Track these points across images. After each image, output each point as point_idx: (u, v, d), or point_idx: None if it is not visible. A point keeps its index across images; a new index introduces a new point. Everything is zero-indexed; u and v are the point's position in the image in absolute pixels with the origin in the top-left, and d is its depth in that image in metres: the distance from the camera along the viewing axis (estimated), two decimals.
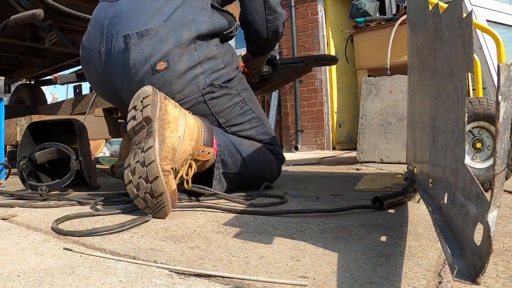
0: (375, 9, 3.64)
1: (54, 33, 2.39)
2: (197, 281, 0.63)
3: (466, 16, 0.59)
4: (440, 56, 0.82)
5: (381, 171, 2.40)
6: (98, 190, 1.74)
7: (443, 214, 0.72)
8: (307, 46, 5.27)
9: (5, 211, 1.26)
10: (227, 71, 1.52)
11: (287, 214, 1.11)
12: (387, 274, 0.63)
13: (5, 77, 3.96)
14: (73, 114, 2.77)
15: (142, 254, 0.77)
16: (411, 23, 1.47)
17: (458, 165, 0.62)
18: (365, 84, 3.21)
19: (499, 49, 1.78)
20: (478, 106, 1.40)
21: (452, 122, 0.68)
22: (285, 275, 0.64)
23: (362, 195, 1.46)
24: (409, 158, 1.69)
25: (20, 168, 1.68)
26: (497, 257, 0.71)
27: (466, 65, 0.59)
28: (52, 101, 5.98)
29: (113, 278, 0.64)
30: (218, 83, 1.48)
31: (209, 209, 1.23)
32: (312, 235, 0.89)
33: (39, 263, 0.72)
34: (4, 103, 2.16)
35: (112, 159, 3.60)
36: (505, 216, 1.04)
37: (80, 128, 1.76)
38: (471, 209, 0.52)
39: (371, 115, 3.09)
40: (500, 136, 0.43)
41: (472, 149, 1.43)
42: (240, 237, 0.89)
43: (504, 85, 0.42)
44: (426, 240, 0.84)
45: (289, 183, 1.90)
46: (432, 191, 0.94)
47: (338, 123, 5.36)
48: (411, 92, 1.60)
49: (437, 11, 0.86)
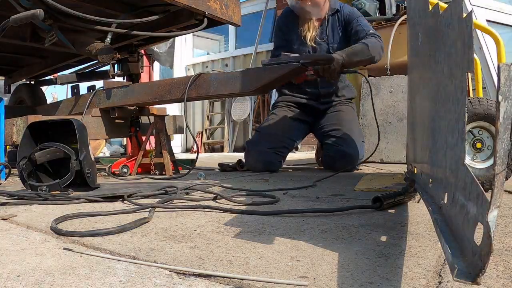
0: (375, 9, 3.63)
1: (54, 33, 2.39)
2: (197, 281, 0.63)
3: (466, 16, 0.59)
4: (440, 56, 0.82)
5: (381, 171, 2.40)
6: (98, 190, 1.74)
7: (443, 214, 0.72)
8: None
9: (5, 211, 1.26)
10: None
11: (287, 214, 1.11)
12: (387, 274, 0.63)
13: (5, 77, 3.96)
14: (71, 114, 2.77)
15: (142, 254, 0.77)
16: (411, 23, 1.47)
17: (458, 165, 0.62)
18: (365, 84, 3.21)
19: (499, 49, 1.78)
20: (478, 106, 1.40)
21: (452, 122, 0.68)
22: (285, 275, 0.64)
23: (362, 195, 1.46)
24: (409, 158, 1.69)
25: (20, 168, 1.68)
26: (497, 257, 0.71)
27: (466, 65, 0.59)
28: (52, 101, 5.99)
29: (113, 278, 0.64)
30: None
31: (209, 209, 1.23)
32: (312, 235, 0.89)
33: (39, 263, 0.72)
34: (4, 103, 2.16)
35: (112, 159, 3.60)
36: (505, 216, 1.04)
37: (80, 127, 1.76)
38: (471, 209, 0.52)
39: (371, 115, 3.09)
40: (500, 136, 0.43)
41: (472, 149, 1.43)
42: (240, 237, 0.89)
43: (504, 85, 0.42)
44: (426, 240, 0.84)
45: (289, 183, 1.90)
46: (432, 191, 0.94)
47: None
48: (411, 92, 1.60)
49: (437, 11, 0.86)
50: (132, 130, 2.73)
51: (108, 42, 2.44)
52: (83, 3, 2.40)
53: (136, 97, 2.47)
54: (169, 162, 2.49)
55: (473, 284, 0.44)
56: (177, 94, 2.32)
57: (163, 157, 2.51)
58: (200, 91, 2.27)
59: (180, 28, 2.75)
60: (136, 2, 2.54)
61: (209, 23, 2.59)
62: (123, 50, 2.83)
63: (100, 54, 2.41)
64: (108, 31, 2.42)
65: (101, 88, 2.68)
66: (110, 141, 6.51)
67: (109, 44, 2.44)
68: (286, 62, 2.07)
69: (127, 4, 2.56)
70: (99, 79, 3.23)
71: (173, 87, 2.34)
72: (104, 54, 2.41)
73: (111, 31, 2.43)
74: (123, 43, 2.86)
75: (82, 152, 1.71)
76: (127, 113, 2.67)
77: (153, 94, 2.41)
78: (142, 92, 2.47)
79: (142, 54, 2.95)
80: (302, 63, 2.03)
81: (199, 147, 6.93)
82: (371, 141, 3.06)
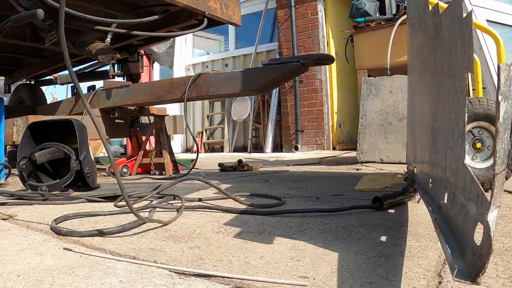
0: (375, 9, 3.63)
1: (54, 33, 2.39)
2: (197, 281, 0.63)
3: (466, 16, 0.59)
4: (440, 56, 0.82)
5: (381, 171, 2.40)
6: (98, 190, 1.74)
7: (443, 214, 0.72)
8: (307, 46, 5.27)
9: (5, 211, 1.25)
10: None
11: (287, 214, 1.11)
12: (387, 274, 0.63)
13: (5, 77, 3.96)
14: (71, 114, 2.77)
15: (142, 254, 0.77)
16: (411, 23, 1.47)
17: (458, 165, 0.62)
18: (365, 84, 3.21)
19: (499, 49, 1.78)
20: (478, 106, 1.39)
21: (452, 122, 0.68)
22: (285, 275, 0.64)
23: (362, 195, 1.46)
24: (409, 158, 1.69)
25: (20, 168, 1.68)
26: (497, 257, 0.71)
27: (466, 65, 0.59)
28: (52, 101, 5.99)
29: (113, 278, 0.64)
30: None
31: (209, 209, 1.23)
32: (312, 235, 0.89)
33: (39, 263, 0.72)
34: (4, 103, 2.16)
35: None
36: (505, 216, 1.04)
37: (80, 127, 1.76)
38: (471, 209, 0.52)
39: (371, 115, 3.09)
40: (500, 136, 0.43)
41: (472, 149, 1.43)
42: (240, 237, 0.89)
43: (504, 85, 0.42)
44: (426, 240, 0.84)
45: (289, 183, 1.90)
46: (432, 191, 0.94)
47: (338, 123, 5.36)
48: (411, 92, 1.60)
49: (437, 11, 0.86)
50: (132, 130, 2.73)
51: (108, 42, 2.44)
52: (83, 3, 2.40)
53: (136, 97, 2.48)
54: (169, 162, 2.50)
55: (473, 284, 0.44)
56: (177, 94, 2.32)
57: (163, 157, 2.51)
58: (200, 91, 2.27)
59: (180, 28, 2.75)
60: (136, 2, 2.54)
61: (209, 23, 2.59)
62: (123, 50, 2.83)
63: (100, 54, 2.41)
64: (108, 31, 2.42)
65: (101, 88, 2.68)
66: (110, 141, 6.51)
67: (109, 44, 2.44)
68: (286, 62, 2.07)
69: (127, 4, 2.56)
70: (99, 79, 3.23)
71: (173, 87, 2.34)
72: (104, 54, 2.41)
73: (111, 31, 2.43)
74: (123, 43, 2.86)
75: (82, 152, 1.71)
76: (127, 113, 2.67)
77: (153, 94, 2.41)
78: (142, 92, 2.47)
79: (142, 54, 2.95)
80: (302, 63, 2.03)
81: (199, 147, 6.93)
82: (371, 141, 3.06)
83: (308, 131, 5.25)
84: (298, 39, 5.34)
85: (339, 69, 5.39)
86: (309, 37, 5.29)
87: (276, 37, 5.78)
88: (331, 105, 5.30)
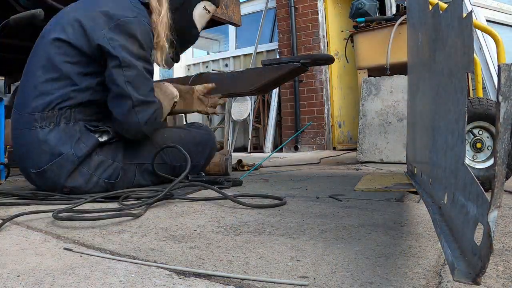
0: (375, 9, 3.63)
1: None
2: (197, 281, 0.63)
3: (466, 16, 0.59)
4: (440, 56, 0.82)
5: (381, 171, 2.40)
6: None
7: (443, 214, 0.72)
8: (307, 46, 5.27)
9: (5, 211, 1.26)
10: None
11: (288, 214, 1.11)
12: (387, 274, 0.63)
13: (5, 77, 3.95)
14: None
15: (142, 254, 0.77)
16: (411, 23, 1.47)
17: (458, 165, 0.62)
18: (365, 84, 3.21)
19: (499, 49, 1.78)
20: (478, 106, 1.40)
21: (452, 122, 0.68)
22: (285, 275, 0.64)
23: (362, 195, 1.46)
24: (409, 158, 1.69)
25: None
26: (497, 257, 0.71)
27: (466, 65, 0.59)
28: None
29: (113, 278, 0.64)
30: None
31: (207, 200, 1.22)
32: (312, 235, 0.89)
33: (39, 263, 0.72)
34: (4, 103, 2.16)
35: None
36: (505, 216, 1.04)
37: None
38: (471, 209, 0.52)
39: (371, 115, 3.09)
40: (500, 136, 0.43)
41: (472, 149, 1.43)
42: (240, 237, 0.89)
43: (505, 85, 0.42)
44: (426, 240, 0.84)
45: (289, 183, 1.90)
46: (432, 191, 0.94)
47: (338, 123, 5.37)
48: (411, 92, 1.60)
49: (437, 11, 0.86)
50: None
51: None
52: None
53: None
54: None
55: (473, 284, 0.44)
56: None
57: None
58: None
59: None
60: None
61: (209, 23, 2.59)
62: None
63: None
64: None
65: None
66: None
67: None
68: (286, 62, 2.07)
69: None
70: None
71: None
72: None
73: None
74: None
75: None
76: None
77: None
78: None
79: None
80: (302, 63, 2.03)
81: None
82: (371, 141, 3.06)
83: (308, 131, 5.25)
84: (298, 39, 5.34)
85: (339, 69, 5.39)
86: (309, 37, 5.29)
87: (276, 37, 5.77)
88: (331, 105, 5.30)
